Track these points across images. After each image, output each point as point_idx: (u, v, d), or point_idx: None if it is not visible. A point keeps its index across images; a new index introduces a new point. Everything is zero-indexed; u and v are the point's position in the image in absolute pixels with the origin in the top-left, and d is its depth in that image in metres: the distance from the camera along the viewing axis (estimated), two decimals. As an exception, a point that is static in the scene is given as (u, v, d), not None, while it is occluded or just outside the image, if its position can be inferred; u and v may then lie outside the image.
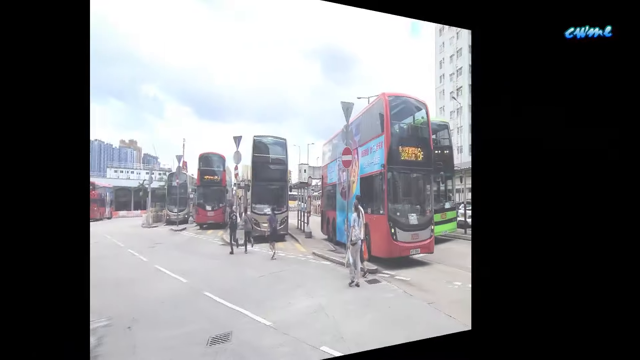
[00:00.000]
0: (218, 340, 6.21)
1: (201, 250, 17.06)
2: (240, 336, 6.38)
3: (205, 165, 25.30)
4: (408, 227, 10.86)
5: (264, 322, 7.00)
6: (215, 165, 25.71)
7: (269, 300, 8.53)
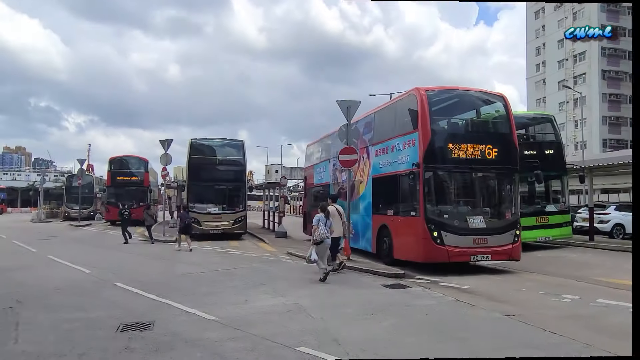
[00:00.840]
0: (132, 328, 5.88)
1: (109, 245, 18.04)
2: (169, 327, 5.96)
3: (118, 167, 29.64)
4: (466, 230, 10.21)
5: (204, 317, 6.42)
6: (134, 167, 29.98)
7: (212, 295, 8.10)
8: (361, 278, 9.83)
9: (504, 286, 8.95)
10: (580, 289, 8.52)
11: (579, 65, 57.87)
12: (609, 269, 11.01)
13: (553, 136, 16.03)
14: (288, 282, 9.41)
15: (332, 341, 5.17)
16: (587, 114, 55.95)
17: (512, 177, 10.92)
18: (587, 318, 6.46)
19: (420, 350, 4.88)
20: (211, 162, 19.83)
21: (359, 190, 13.91)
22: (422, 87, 11.02)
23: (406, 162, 10.96)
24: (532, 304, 7.33)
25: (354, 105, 12.23)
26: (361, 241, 13.53)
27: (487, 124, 11.89)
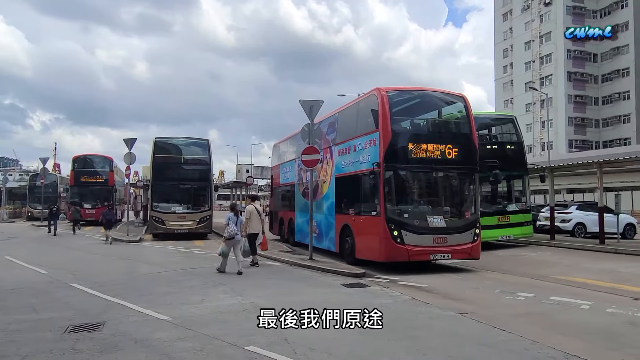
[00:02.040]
0: (81, 329, 5.78)
1: (72, 245, 17.68)
2: (119, 328, 5.87)
3: (82, 166, 29.12)
4: (426, 230, 10.34)
5: (156, 317, 6.35)
6: (98, 166, 29.50)
7: (169, 295, 8.01)
8: (322, 278, 9.85)
9: (461, 285, 9.11)
10: (536, 287, 8.73)
11: (545, 67, 59.48)
12: (566, 267, 11.36)
13: (515, 136, 16.38)
14: (248, 282, 9.33)
15: (282, 340, 5.16)
16: (554, 115, 57.56)
17: (472, 176, 11.07)
18: (539, 315, 6.64)
19: (369, 349, 4.92)
20: (176, 161, 19.63)
21: (322, 190, 13.97)
22: (383, 87, 11.11)
23: (367, 161, 11.02)
24: (487, 302, 7.49)
25: (317, 105, 12.22)
26: (325, 241, 13.59)
27: (447, 124, 12.02)
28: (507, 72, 66.35)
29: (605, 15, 57.75)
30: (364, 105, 11.93)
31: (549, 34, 59.38)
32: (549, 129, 50.83)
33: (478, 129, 16.04)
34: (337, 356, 4.75)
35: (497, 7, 68.88)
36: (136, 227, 24.19)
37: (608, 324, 6.07)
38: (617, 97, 55.99)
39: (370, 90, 11.66)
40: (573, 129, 57.51)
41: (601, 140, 57.44)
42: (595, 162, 14.55)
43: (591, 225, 18.46)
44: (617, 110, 56.01)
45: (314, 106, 12.32)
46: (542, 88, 57.48)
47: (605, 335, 5.56)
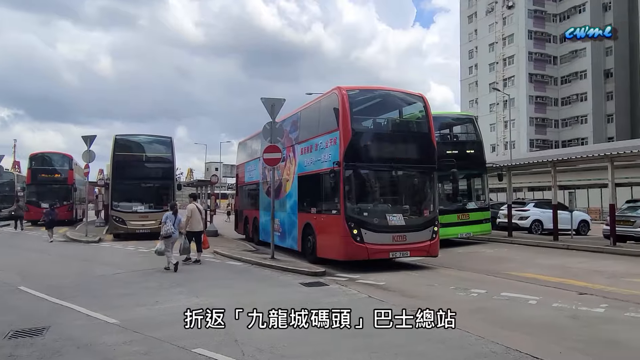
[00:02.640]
0: (23, 334, 5.58)
1: (26, 246, 17.16)
2: (64, 332, 5.68)
3: (40, 164, 28.15)
4: (386, 228, 10.43)
5: (105, 320, 6.22)
6: (57, 164, 28.63)
7: (123, 297, 7.84)
8: (282, 277, 9.81)
9: (418, 282, 9.25)
10: (489, 283, 8.96)
11: (508, 69, 61.06)
12: (520, 263, 11.72)
13: (474, 136, 16.75)
14: (206, 282, 9.24)
15: (232, 342, 5.11)
16: (516, 115, 59.18)
17: (431, 175, 11.21)
18: (488, 311, 6.82)
19: (318, 348, 4.94)
20: (137, 159, 19.20)
21: (285, 189, 13.95)
22: (344, 86, 11.13)
23: (328, 160, 11.02)
24: (440, 299, 7.59)
25: (278, 104, 12.15)
26: (288, 239, 13.57)
27: (406, 124, 12.18)
28: (472, 73, 67.75)
29: (565, 20, 59.71)
30: (325, 104, 11.95)
31: (512, 36, 60.98)
32: (511, 129, 52.31)
33: (439, 129, 16.42)
34: (285, 356, 4.74)
35: (462, 8, 70.27)
36: (97, 227, 23.54)
37: (552, 318, 6.28)
38: (575, 98, 58.05)
39: (331, 89, 11.65)
40: (534, 128, 59.31)
41: (560, 140, 59.45)
42: (550, 161, 15.09)
43: (548, 222, 19.05)
44: (575, 111, 58.09)
45: (276, 104, 12.23)
46: (505, 89, 59.00)
47: (548, 329, 5.76)
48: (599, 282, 8.83)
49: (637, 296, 7.59)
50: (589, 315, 6.37)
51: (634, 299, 7.38)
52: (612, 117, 55.77)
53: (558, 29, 60.37)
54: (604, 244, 13.68)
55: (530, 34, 59.44)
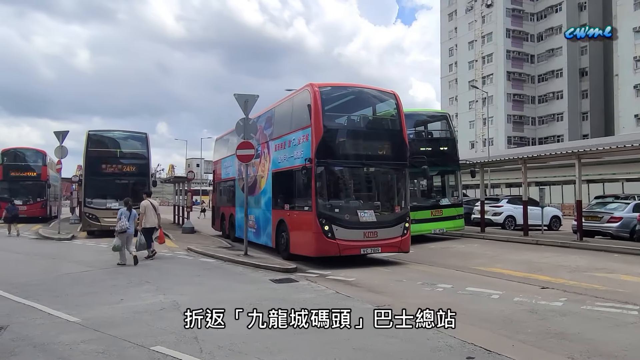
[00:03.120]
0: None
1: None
2: (22, 332, 5.60)
3: (12, 160, 27.69)
4: (357, 224, 10.54)
5: (66, 319, 6.15)
6: (30, 160, 28.23)
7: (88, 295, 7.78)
8: (253, 274, 9.82)
9: (387, 277, 9.35)
10: (457, 278, 9.12)
11: (487, 67, 61.83)
12: (489, 258, 11.93)
13: (448, 133, 16.94)
14: (176, 279, 9.21)
15: (192, 339, 5.11)
16: (494, 112, 60.03)
17: (403, 172, 11.31)
18: (450, 306, 6.80)
19: (277, 344, 4.97)
20: (111, 155, 19.00)
21: (260, 185, 13.96)
22: (317, 82, 11.18)
23: (301, 157, 11.08)
24: (406, 294, 7.75)
25: (252, 100, 12.13)
26: (262, 236, 13.59)
27: (378, 121, 12.27)
28: (452, 71, 68.45)
29: (542, 19, 60.74)
30: (298, 100, 11.97)
31: (491, 34, 61.74)
32: (489, 126, 53.03)
33: (414, 126, 16.59)
34: (242, 353, 4.76)
35: (443, 6, 70.86)
36: (71, 224, 23.22)
37: (511, 312, 6.43)
38: (552, 96, 59.12)
39: (303, 86, 11.69)
40: (512, 126, 60.25)
41: (537, 137, 60.52)
42: (520, 158, 15.38)
43: (521, 218, 19.32)
44: (552, 109, 59.17)
45: (249, 100, 12.21)
46: (484, 87, 59.80)
47: (505, 323, 5.88)
48: (561, 277, 9.07)
49: (596, 290, 7.82)
50: (546, 309, 6.54)
51: (592, 292, 7.60)
52: (587, 115, 56.98)
53: (535, 27, 61.44)
54: (571, 239, 14.00)
55: (508, 32, 60.28)
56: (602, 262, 10.73)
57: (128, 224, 11.02)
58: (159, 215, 12.18)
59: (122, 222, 10.93)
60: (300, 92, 11.88)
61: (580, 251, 12.54)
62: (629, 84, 47.05)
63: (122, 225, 10.89)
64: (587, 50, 56.61)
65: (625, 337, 5.23)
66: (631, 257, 11.38)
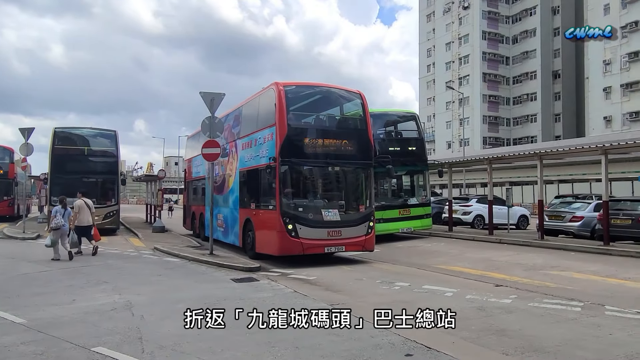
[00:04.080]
0: None
1: None
2: None
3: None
4: (321, 223, 10.57)
5: (11, 320, 6.05)
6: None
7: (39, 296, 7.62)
8: (216, 273, 9.79)
9: (348, 276, 9.41)
10: (416, 277, 9.24)
11: (463, 68, 62.66)
12: (452, 256, 12.12)
13: (416, 133, 17.10)
14: (135, 279, 9.13)
15: (136, 339, 5.09)
16: (470, 113, 60.90)
17: (368, 171, 11.36)
18: (403, 303, 6.96)
19: (222, 343, 4.98)
20: (78, 152, 18.62)
21: (228, 184, 13.91)
22: (282, 81, 11.21)
23: (266, 156, 11.07)
24: (362, 293, 7.83)
25: (218, 98, 12.06)
26: (230, 235, 13.55)
27: (344, 120, 12.29)
28: (430, 71, 69.13)
29: (517, 22, 61.80)
30: (263, 99, 11.95)
31: (467, 36, 62.58)
32: (464, 127, 53.78)
33: (383, 126, 16.73)
34: (184, 353, 4.74)
35: (421, 7, 71.53)
36: (39, 223, 22.64)
37: (460, 310, 6.47)
38: (526, 98, 60.23)
39: (269, 85, 11.68)
40: (487, 126, 61.18)
41: (512, 137, 61.60)
42: (485, 158, 15.68)
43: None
44: (526, 110, 60.29)
45: (215, 99, 12.15)
46: (461, 87, 60.61)
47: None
48: (516, 275, 9.28)
49: (547, 287, 8.04)
50: (495, 306, 6.69)
51: (542, 289, 7.80)
52: (560, 117, 58.24)
53: (511, 30, 62.48)
54: (532, 238, 14.32)
55: (484, 34, 61.18)
56: (558, 260, 11.00)
57: (63, 221, 11.42)
58: (93, 214, 12.59)
59: (57, 219, 11.34)
60: (266, 90, 11.86)
61: (539, 250, 12.85)
62: (598, 86, 48.26)
63: (57, 222, 11.31)
64: (560, 53, 57.87)
65: (563, 332, 5.38)
66: (586, 255, 11.73)
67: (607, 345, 4.90)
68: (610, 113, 47.25)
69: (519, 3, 61.35)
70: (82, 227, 12.11)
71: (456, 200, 21.49)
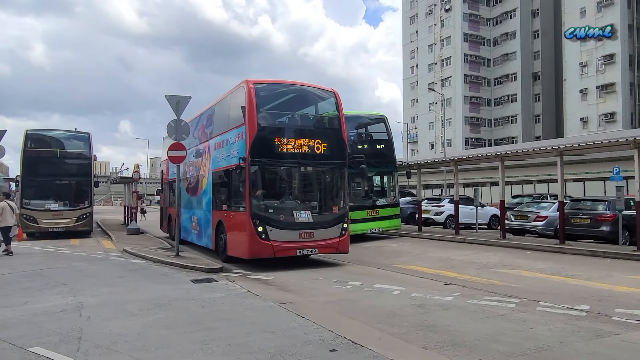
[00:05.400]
0: None
1: None
2: None
3: None
4: (292, 225, 10.32)
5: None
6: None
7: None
8: (177, 274, 9.91)
9: (305, 276, 9.54)
10: (371, 276, 9.44)
11: (445, 69, 63.35)
12: (414, 256, 12.39)
13: (385, 135, 17.34)
14: (95, 281, 9.19)
15: (75, 339, 5.22)
16: (452, 114, 61.58)
17: (341, 171, 11.16)
18: (348, 302, 7.24)
19: (157, 342, 5.14)
20: (50, 154, 18.66)
21: (202, 185, 13.75)
22: (252, 79, 10.93)
23: (236, 156, 10.84)
24: (314, 292, 8.02)
25: (184, 101, 12.15)
26: (204, 238, 13.44)
27: (317, 119, 12.00)
28: (413, 73, 69.74)
29: (498, 24, 62.64)
30: (234, 97, 11.68)
31: (449, 38, 63.29)
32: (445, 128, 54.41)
33: (354, 128, 16.96)
34: (118, 352, 4.88)
35: (405, 9, 72.16)
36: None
37: (400, 307, 6.78)
38: (507, 99, 61.09)
39: (239, 83, 11.38)
40: (469, 127, 61.92)
41: (493, 138, 62.40)
42: (451, 159, 16.01)
43: (462, 217, 20.12)
44: (507, 111, 61.14)
45: (181, 102, 12.24)
46: (443, 89, 61.26)
47: (387, 317, 6.19)
48: (468, 273, 9.56)
49: (492, 285, 8.32)
50: (435, 303, 6.93)
51: (487, 287, 8.08)
52: (539, 118, 59.16)
53: (492, 32, 63.30)
54: (495, 237, 14.68)
55: (465, 36, 61.91)
56: (513, 258, 11.32)
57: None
58: (17, 215, 13.53)
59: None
60: (236, 89, 11.57)
61: (499, 249, 13.18)
62: (575, 88, 49.18)
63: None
64: (540, 55, 58.80)
65: (487, 327, 5.63)
66: (541, 254, 12.08)
67: (522, 339, 5.15)
68: (587, 114, 48.20)
69: (500, 6, 62.23)
70: (5, 228, 13.10)
71: (429, 201, 21.90)
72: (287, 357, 4.66)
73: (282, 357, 4.64)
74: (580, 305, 6.62)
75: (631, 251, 11.14)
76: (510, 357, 4.60)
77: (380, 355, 4.66)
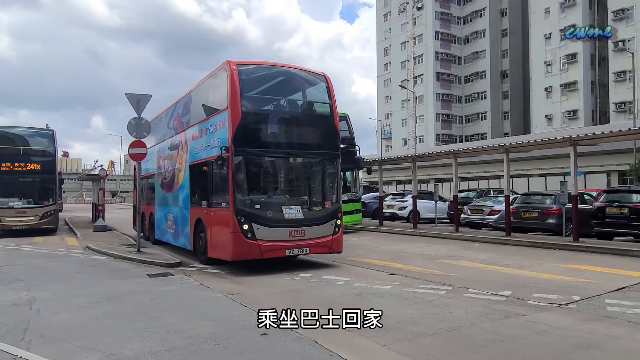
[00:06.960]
0: None
1: None
2: None
3: None
4: (281, 222, 9.43)
5: None
6: None
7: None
8: (136, 269, 10.14)
9: (260, 269, 9.71)
10: (323, 268, 9.78)
11: (418, 67, 64.40)
12: (370, 249, 12.84)
13: (347, 132, 17.75)
14: (52, 277, 9.40)
15: (21, 330, 5.48)
16: (424, 111, 62.70)
17: (334, 162, 10.48)
18: (294, 292, 7.65)
19: (104, 331, 5.46)
20: (13, 152, 18.53)
21: (178, 180, 12.70)
22: (235, 60, 9.93)
23: (217, 145, 9.86)
24: (262, 284, 8.36)
25: (144, 99, 12.21)
26: (181, 238, 12.29)
27: (306, 105, 11.04)
28: (387, 70, 70.68)
29: (468, 23, 63.93)
30: (214, 81, 10.72)
31: (421, 36, 64.34)
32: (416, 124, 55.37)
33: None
34: (60, 340, 5.18)
35: (379, 7, 72.96)
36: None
37: (340, 296, 7.21)
38: (477, 96, 62.52)
39: (220, 64, 10.29)
40: (440, 124, 63.16)
41: (464, 134, 63.78)
42: (410, 156, 16.61)
43: (424, 211, 20.76)
44: (476, 108, 62.58)
45: (142, 100, 12.24)
46: (415, 86, 62.31)
47: (323, 305, 6.41)
48: (413, 264, 10.08)
49: (432, 274, 8.83)
50: (373, 292, 7.39)
51: (427, 277, 8.58)
52: (508, 115, 60.74)
53: (462, 31, 64.57)
54: (449, 231, 15.32)
55: (437, 34, 63.03)
56: (459, 250, 11.91)
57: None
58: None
59: None
60: (217, 71, 10.49)
61: (450, 241, 13.78)
62: (540, 86, 50.71)
63: None
64: (508, 53, 60.29)
65: (412, 312, 6.12)
66: (486, 246, 12.75)
67: (438, 321, 5.65)
68: (551, 111, 49.78)
69: (470, 4, 63.50)
70: None
71: (394, 196, 22.51)
72: (220, 341, 5.05)
73: (215, 341, 5.03)
74: (504, 291, 7.18)
75: (567, 242, 11.88)
76: (421, 336, 5.09)
77: (305, 337, 5.10)
